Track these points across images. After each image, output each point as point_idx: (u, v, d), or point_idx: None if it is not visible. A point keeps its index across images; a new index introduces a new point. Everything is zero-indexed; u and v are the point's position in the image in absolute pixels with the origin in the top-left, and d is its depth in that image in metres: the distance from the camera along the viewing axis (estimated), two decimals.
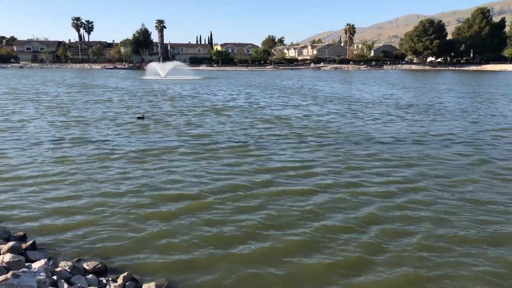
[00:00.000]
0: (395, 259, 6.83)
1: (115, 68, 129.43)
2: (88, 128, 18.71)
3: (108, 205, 9.09)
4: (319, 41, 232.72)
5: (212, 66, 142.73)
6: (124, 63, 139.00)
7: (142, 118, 22.23)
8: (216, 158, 13.03)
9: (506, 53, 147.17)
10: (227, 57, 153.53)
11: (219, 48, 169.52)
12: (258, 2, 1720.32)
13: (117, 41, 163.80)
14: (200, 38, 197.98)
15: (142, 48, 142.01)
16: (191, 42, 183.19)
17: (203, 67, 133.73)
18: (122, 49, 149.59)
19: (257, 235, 7.67)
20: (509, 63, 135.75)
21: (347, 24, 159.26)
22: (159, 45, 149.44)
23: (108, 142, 15.46)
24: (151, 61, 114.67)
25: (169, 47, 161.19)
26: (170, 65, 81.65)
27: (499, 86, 49.46)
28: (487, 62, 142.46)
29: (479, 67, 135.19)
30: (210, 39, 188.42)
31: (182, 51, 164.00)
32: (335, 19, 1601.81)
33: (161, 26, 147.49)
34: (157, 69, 77.31)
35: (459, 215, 8.59)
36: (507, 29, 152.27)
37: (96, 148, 14.49)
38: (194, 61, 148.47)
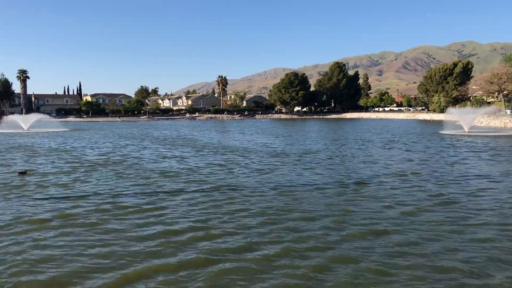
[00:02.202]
0: None
1: None
2: None
3: None
4: (194, 91, 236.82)
5: (81, 117, 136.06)
6: None
7: (24, 173, 20.33)
8: (93, 225, 12.02)
9: (361, 102, 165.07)
10: (98, 107, 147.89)
11: (89, 98, 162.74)
12: (129, 53, 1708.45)
13: None
14: (68, 88, 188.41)
15: (1, 99, 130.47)
16: (58, 93, 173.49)
17: (71, 119, 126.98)
18: None
19: None
20: (364, 112, 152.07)
21: (220, 76, 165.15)
22: (21, 96, 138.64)
23: None
24: (12, 113, 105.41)
25: (33, 98, 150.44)
26: (33, 117, 75.73)
27: (361, 132, 54.67)
28: (346, 110, 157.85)
29: (340, 115, 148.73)
30: (79, 89, 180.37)
31: (48, 102, 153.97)
32: (208, 71, 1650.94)
33: (23, 76, 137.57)
34: (19, 122, 71.14)
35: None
36: (360, 81, 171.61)
37: None
38: (62, 112, 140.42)
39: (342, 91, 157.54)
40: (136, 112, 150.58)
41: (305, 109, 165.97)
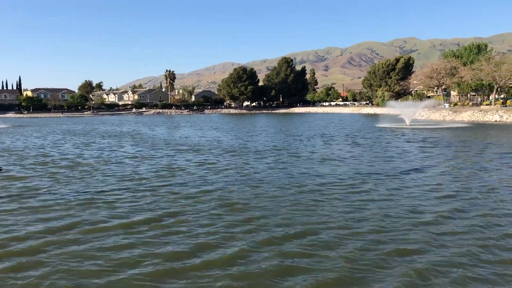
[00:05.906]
0: None
1: None
2: None
3: None
4: (140, 86, 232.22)
5: (22, 113, 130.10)
6: None
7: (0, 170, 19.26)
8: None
9: (308, 97, 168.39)
10: (40, 103, 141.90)
11: (29, 93, 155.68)
12: (72, 47, 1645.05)
13: None
14: (7, 83, 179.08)
15: None
16: None
17: (11, 115, 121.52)
18: None
19: None
20: (312, 106, 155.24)
21: (167, 70, 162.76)
22: None
23: None
24: None
25: None
26: None
27: (316, 127, 55.70)
28: (295, 105, 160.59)
29: (288, 109, 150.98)
30: (19, 84, 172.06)
31: None
32: (155, 65, 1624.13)
33: None
34: None
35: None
36: (307, 76, 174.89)
37: None
38: (0, 108, 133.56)
39: (290, 86, 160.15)
40: (80, 107, 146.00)
41: (254, 103, 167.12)
